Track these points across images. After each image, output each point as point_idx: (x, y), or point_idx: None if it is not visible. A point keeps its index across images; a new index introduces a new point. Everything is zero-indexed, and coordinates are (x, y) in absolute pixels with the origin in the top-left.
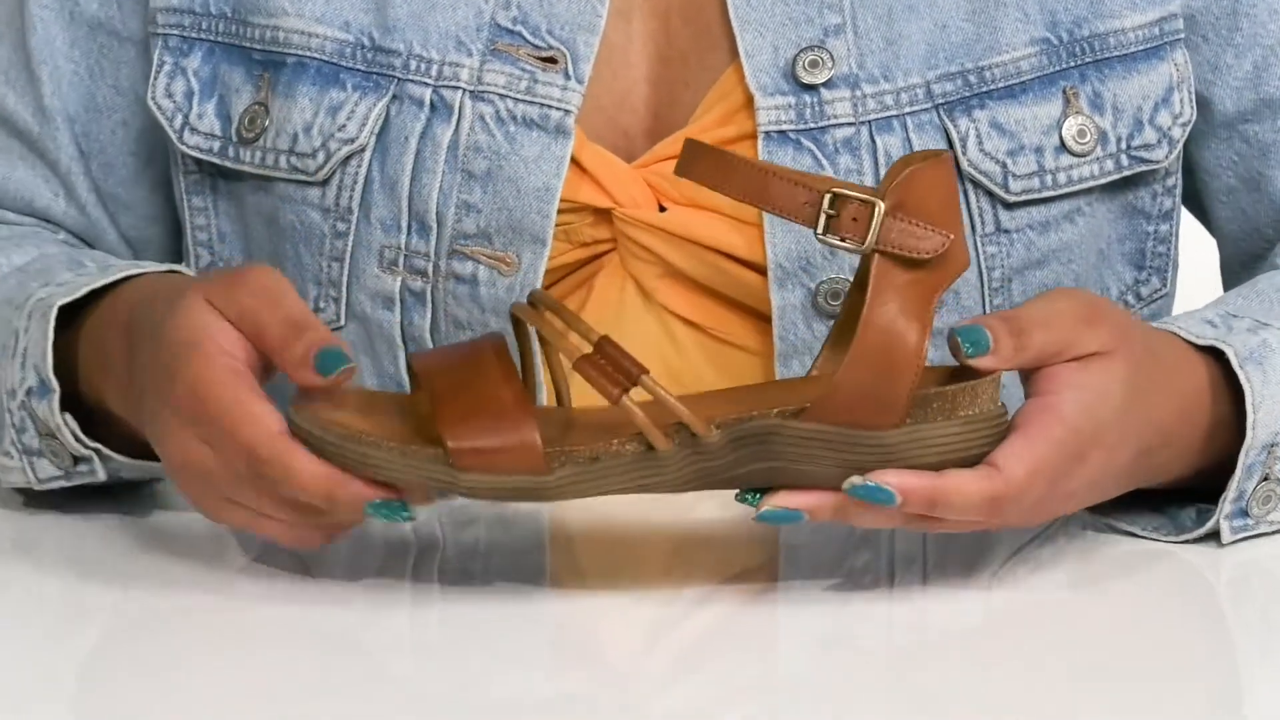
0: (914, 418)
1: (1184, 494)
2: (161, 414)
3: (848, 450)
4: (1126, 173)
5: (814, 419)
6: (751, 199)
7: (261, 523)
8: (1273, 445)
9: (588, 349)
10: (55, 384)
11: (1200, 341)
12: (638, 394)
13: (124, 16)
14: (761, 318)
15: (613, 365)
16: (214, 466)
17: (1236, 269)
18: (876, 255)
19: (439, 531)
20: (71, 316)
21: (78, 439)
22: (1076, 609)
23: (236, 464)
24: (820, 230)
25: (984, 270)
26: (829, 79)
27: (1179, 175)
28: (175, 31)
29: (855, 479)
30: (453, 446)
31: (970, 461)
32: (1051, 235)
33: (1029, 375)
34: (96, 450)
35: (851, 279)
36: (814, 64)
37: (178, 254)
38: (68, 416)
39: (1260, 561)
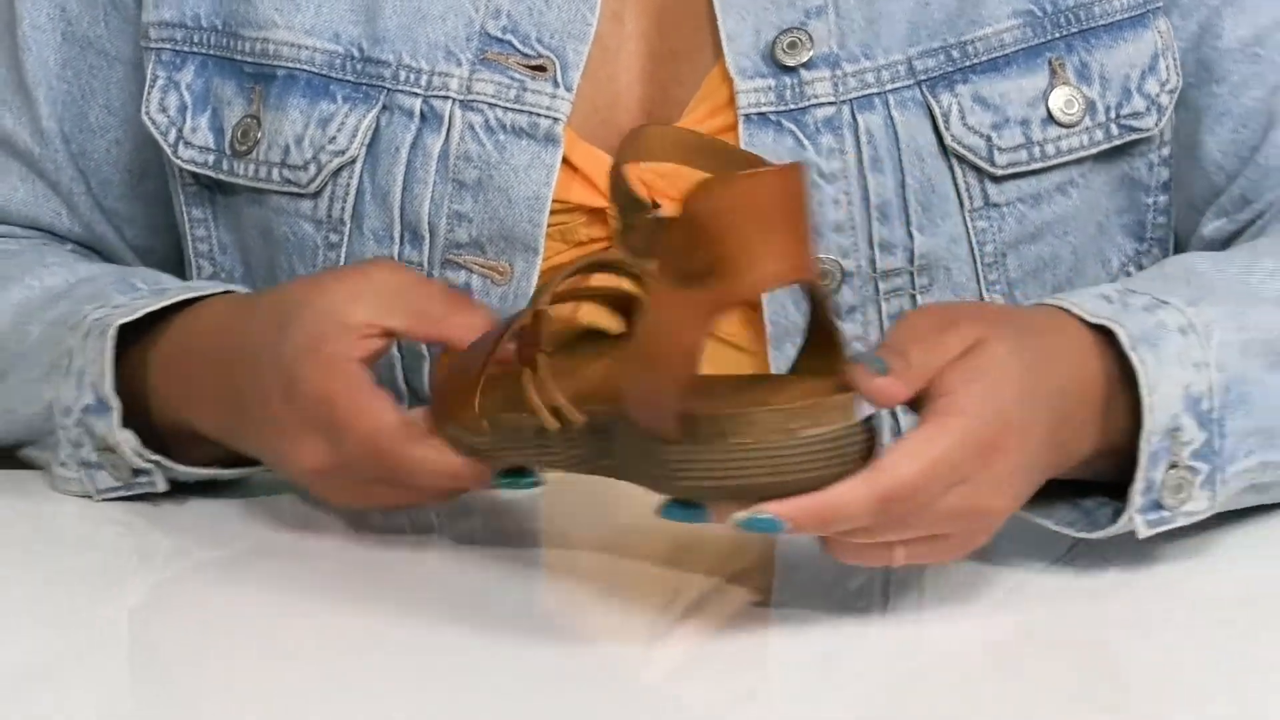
0: (689, 438)
1: (1099, 487)
2: (280, 422)
3: (645, 461)
4: (1116, 142)
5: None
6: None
7: (407, 494)
8: (1175, 430)
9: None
10: (115, 402)
11: (1092, 320)
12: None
13: (111, 35)
14: (753, 308)
15: (528, 342)
16: (341, 464)
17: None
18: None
19: (434, 522)
20: (127, 335)
21: (138, 454)
22: (1076, 632)
23: (362, 461)
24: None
25: (975, 245)
26: (808, 59)
27: (1172, 144)
28: (168, 46)
29: (741, 514)
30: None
31: (744, 493)
32: (1044, 208)
33: (919, 397)
34: (157, 462)
35: (838, 260)
36: (793, 45)
37: (183, 260)
38: (128, 432)
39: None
